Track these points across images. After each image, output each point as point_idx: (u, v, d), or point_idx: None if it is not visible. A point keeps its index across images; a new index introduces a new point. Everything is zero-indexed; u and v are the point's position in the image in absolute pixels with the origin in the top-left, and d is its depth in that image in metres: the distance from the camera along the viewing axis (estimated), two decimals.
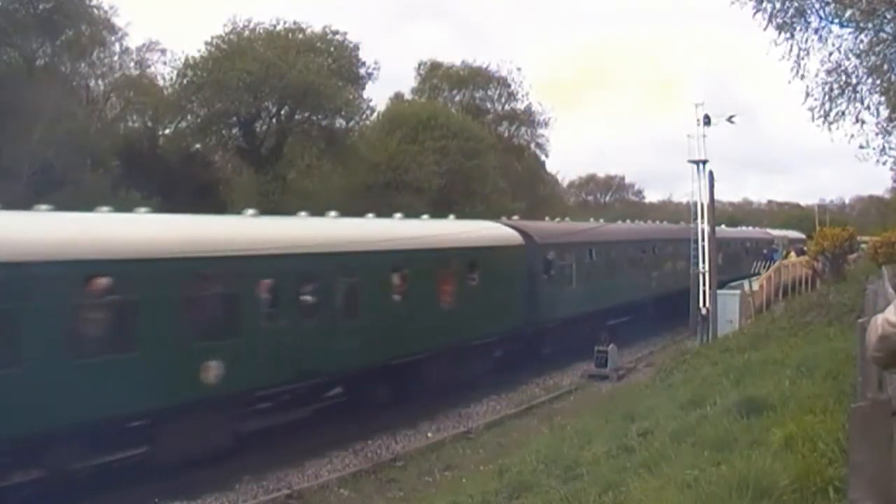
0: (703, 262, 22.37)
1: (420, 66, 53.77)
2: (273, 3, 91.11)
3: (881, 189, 60.82)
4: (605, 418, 11.75)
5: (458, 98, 54.19)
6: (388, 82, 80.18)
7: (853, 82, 16.41)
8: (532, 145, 57.98)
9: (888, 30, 15.87)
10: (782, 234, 54.37)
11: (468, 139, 44.47)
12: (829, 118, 16.36)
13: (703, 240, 22.57)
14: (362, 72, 41.53)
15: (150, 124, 38.44)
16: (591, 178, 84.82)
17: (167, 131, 39.26)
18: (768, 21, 16.24)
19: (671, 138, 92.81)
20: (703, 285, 22.24)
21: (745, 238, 43.08)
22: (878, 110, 16.68)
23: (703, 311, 22.03)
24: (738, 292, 25.43)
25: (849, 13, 16.20)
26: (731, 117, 23.23)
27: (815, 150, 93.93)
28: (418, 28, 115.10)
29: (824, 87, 16.44)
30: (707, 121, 22.22)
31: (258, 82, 35.61)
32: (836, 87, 16.40)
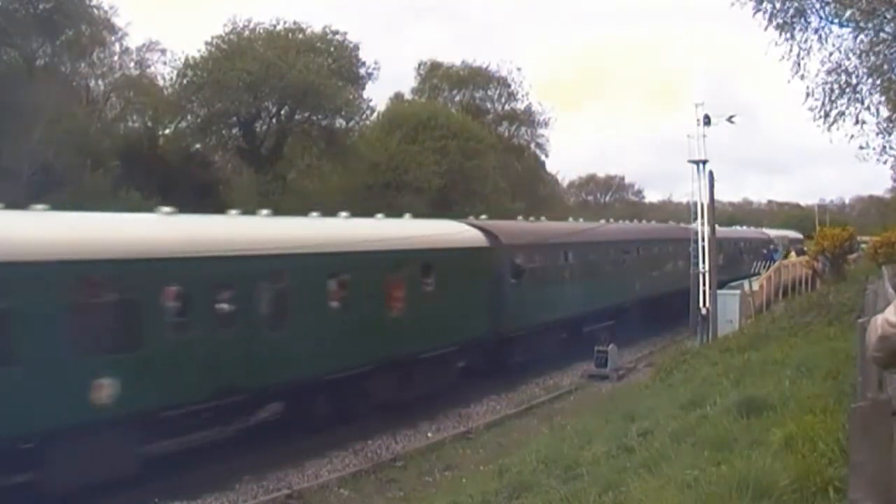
0: (703, 262, 22.36)
1: (420, 66, 53.95)
2: (273, 3, 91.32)
3: (881, 189, 60.93)
4: (605, 418, 11.76)
5: (458, 98, 54.23)
6: (388, 82, 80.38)
7: (853, 82, 16.44)
8: (532, 145, 58.07)
9: (888, 30, 15.89)
10: (780, 233, 53.96)
11: (468, 139, 44.50)
12: (829, 118, 16.40)
13: (702, 240, 22.57)
14: (362, 72, 41.62)
15: (150, 124, 38.44)
16: (591, 179, 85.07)
17: (167, 131, 39.29)
18: (768, 21, 16.29)
19: (671, 138, 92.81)
20: (703, 285, 22.24)
21: (739, 238, 42.51)
22: (879, 110, 16.73)
23: (703, 311, 22.02)
24: (737, 292, 25.44)
25: (849, 13, 16.22)
26: (731, 117, 23.23)
27: (815, 150, 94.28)
28: (418, 28, 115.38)
29: (825, 88, 16.49)
30: (707, 121, 22.20)
31: (258, 82, 35.64)
32: (836, 87, 16.44)
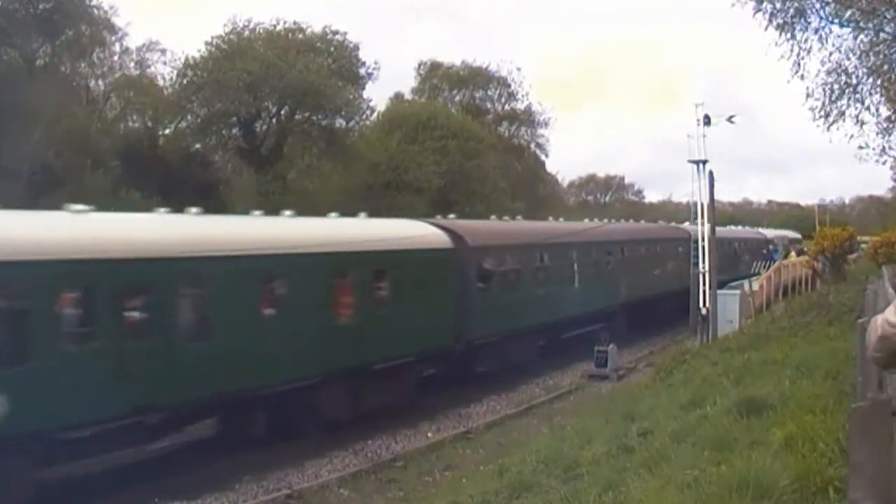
0: (703, 262, 22.36)
1: (420, 66, 53.96)
2: (273, 3, 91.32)
3: (881, 189, 60.73)
4: (605, 418, 11.76)
5: (458, 98, 54.26)
6: (388, 82, 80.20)
7: (853, 82, 16.48)
8: (532, 145, 58.10)
9: (888, 30, 15.92)
10: (778, 234, 53.66)
11: (468, 139, 44.52)
12: (829, 118, 16.42)
13: (702, 240, 22.57)
14: (362, 72, 41.63)
15: (150, 124, 38.48)
16: (591, 179, 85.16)
17: (167, 131, 39.34)
18: (768, 21, 16.34)
19: (671, 138, 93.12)
20: (703, 285, 22.25)
21: (734, 238, 41.86)
22: (879, 110, 16.76)
23: (703, 311, 22.03)
24: (737, 292, 25.42)
25: (849, 13, 16.25)
26: (731, 117, 23.21)
27: (815, 150, 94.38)
28: (418, 28, 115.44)
29: (825, 88, 16.53)
30: (707, 121, 22.17)
31: (258, 82, 35.65)
32: (836, 87, 16.47)
